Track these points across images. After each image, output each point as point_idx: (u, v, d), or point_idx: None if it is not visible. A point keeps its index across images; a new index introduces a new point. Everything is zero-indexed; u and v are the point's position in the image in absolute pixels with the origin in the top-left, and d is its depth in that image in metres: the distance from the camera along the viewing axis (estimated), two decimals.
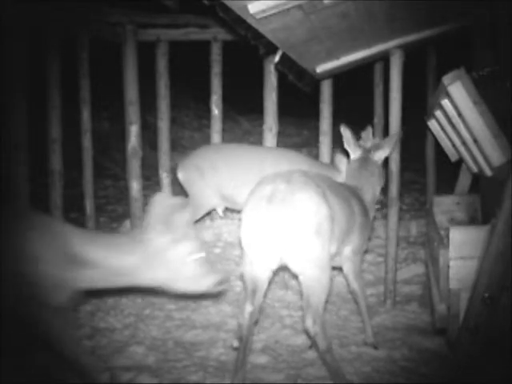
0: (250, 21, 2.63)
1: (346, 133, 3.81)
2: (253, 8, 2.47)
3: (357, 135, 3.90)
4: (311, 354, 3.52)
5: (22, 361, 3.28)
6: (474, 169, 3.79)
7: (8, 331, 2.69)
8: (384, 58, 4.54)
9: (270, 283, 3.15)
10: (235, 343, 3.27)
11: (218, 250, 5.17)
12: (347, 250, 3.40)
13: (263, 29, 2.80)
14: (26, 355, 3.31)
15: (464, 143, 3.54)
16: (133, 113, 4.84)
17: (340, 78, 4.64)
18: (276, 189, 2.84)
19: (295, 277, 3.05)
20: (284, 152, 4.67)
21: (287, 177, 2.92)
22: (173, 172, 5.44)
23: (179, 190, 5.75)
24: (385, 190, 3.99)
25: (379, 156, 3.82)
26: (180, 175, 4.64)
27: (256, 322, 3.22)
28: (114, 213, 6.10)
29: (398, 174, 4.20)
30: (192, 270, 2.73)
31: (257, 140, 8.14)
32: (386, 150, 3.84)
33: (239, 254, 4.66)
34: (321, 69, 4.05)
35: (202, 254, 2.75)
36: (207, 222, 5.38)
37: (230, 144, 5.23)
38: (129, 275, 2.72)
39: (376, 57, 4.37)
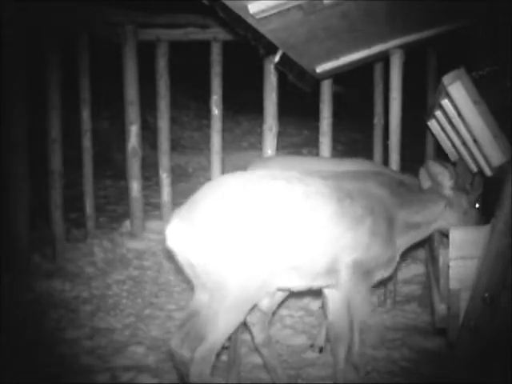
0: (250, 21, 2.64)
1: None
2: (253, 8, 2.48)
3: None
4: (311, 354, 3.53)
5: (22, 361, 3.29)
6: (474, 169, 3.78)
7: None
8: (384, 58, 4.54)
9: None
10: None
11: None
12: None
13: (263, 29, 2.80)
14: (26, 355, 3.32)
15: (464, 143, 3.53)
16: (133, 113, 4.84)
17: (340, 78, 4.64)
18: None
19: None
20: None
21: None
22: (173, 172, 5.43)
23: (179, 189, 5.75)
24: None
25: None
26: None
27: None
28: (114, 213, 6.09)
29: None
30: None
31: (257, 140, 8.14)
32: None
33: None
34: (321, 69, 4.04)
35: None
36: None
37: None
38: None
39: (376, 57, 4.37)
